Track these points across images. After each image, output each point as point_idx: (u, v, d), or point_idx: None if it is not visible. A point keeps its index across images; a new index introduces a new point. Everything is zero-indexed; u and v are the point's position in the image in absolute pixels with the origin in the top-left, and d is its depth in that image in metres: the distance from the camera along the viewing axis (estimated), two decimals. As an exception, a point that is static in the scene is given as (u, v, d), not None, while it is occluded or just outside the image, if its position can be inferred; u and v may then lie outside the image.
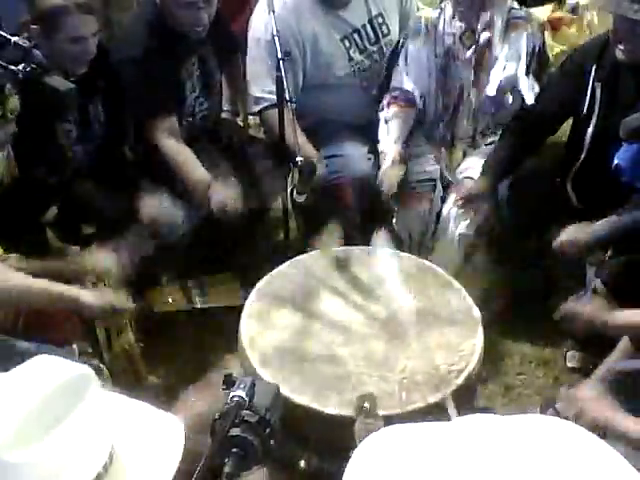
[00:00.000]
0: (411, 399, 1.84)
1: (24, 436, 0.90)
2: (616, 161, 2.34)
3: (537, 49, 2.70)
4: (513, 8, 2.73)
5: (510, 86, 2.70)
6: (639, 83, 2.39)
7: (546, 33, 2.83)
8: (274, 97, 2.46)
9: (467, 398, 2.00)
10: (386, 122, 2.83)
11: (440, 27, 2.72)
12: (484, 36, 2.68)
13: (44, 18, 2.26)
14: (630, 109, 2.30)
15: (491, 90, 2.71)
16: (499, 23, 2.68)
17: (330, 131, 2.89)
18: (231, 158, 2.88)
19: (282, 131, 2.41)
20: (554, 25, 2.79)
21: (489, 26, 2.68)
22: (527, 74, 2.68)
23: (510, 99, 2.73)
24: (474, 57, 2.70)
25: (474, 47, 2.69)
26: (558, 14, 2.78)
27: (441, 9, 2.75)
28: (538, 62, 2.72)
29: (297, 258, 2.33)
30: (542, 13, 2.80)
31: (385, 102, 2.85)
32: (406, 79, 2.80)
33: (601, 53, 2.47)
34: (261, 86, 2.77)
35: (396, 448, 0.89)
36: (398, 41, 2.87)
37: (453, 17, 2.69)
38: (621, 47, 2.35)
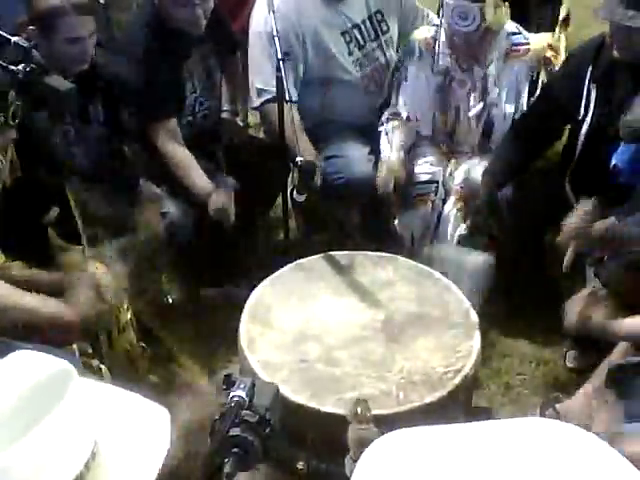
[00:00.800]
0: (408, 399, 1.85)
1: (2, 437, 0.86)
2: (614, 162, 2.34)
3: (533, 79, 2.70)
4: (513, 33, 2.69)
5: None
6: (634, 84, 2.38)
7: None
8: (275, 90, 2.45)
9: (464, 399, 2.01)
10: (387, 134, 2.84)
11: (438, 46, 2.70)
12: (479, 73, 2.68)
13: (41, 19, 2.26)
14: (625, 110, 2.30)
15: (495, 137, 2.73)
16: (496, 55, 2.67)
17: (331, 131, 2.89)
18: (231, 158, 2.88)
19: (282, 131, 2.41)
20: (547, 61, 2.78)
21: (486, 62, 2.66)
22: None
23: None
24: (470, 84, 2.70)
25: (470, 73, 2.69)
26: (550, 53, 2.76)
27: (438, 26, 2.72)
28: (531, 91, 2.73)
29: (297, 262, 2.34)
30: (540, 40, 2.78)
31: (384, 118, 2.86)
32: (403, 98, 2.82)
33: (597, 54, 2.46)
34: (263, 79, 2.76)
35: (402, 453, 0.88)
36: (400, 57, 2.87)
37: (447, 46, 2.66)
38: (617, 52, 2.35)
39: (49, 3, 2.24)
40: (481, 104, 2.71)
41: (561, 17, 3.28)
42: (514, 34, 2.69)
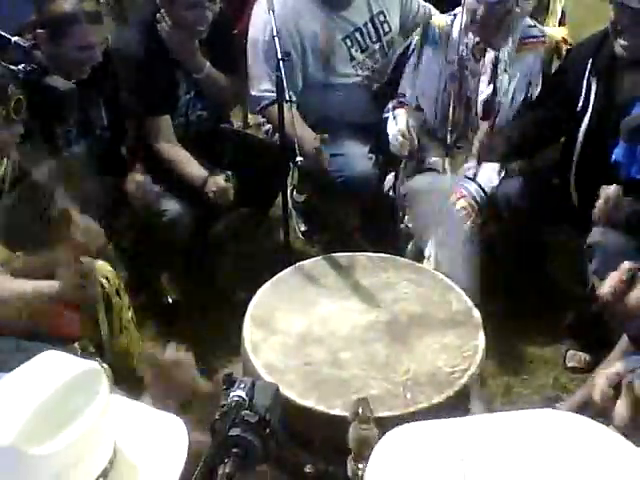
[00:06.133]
0: (416, 399, 1.85)
1: (41, 430, 0.91)
2: (614, 157, 2.33)
3: (545, 72, 2.71)
4: (529, 25, 2.69)
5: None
6: (635, 77, 2.37)
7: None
8: (273, 95, 2.46)
9: (470, 400, 2.01)
10: (394, 117, 2.79)
11: (454, 35, 2.69)
12: (490, 57, 2.67)
13: (52, 24, 2.26)
14: (626, 104, 2.29)
15: (501, 121, 2.72)
16: (510, 43, 2.66)
17: (331, 130, 2.88)
18: (231, 158, 2.88)
19: (282, 131, 2.42)
20: (560, 54, 2.77)
21: (500, 46, 2.66)
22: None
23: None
24: (482, 73, 2.70)
25: (482, 62, 2.69)
26: (565, 47, 2.75)
27: (454, 16, 2.72)
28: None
29: (298, 264, 2.33)
30: (556, 34, 2.77)
31: (391, 106, 2.85)
32: (414, 86, 2.80)
33: (598, 48, 2.44)
34: (261, 85, 2.78)
35: (414, 447, 0.89)
36: (407, 46, 2.86)
37: (467, 28, 2.65)
38: (622, 42, 2.32)
39: (62, 10, 2.24)
40: (491, 87, 2.69)
41: (558, 16, 3.26)
42: (530, 26, 2.70)
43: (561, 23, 3.17)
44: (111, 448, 1.00)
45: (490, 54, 2.67)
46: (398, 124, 2.70)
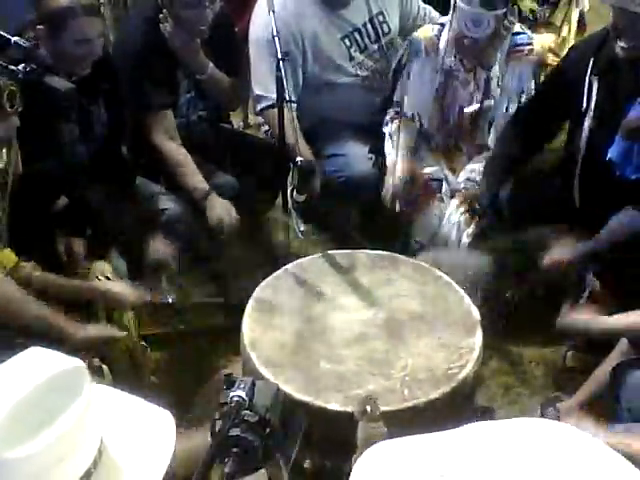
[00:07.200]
0: (413, 395, 1.86)
1: (18, 431, 0.89)
2: (609, 155, 2.34)
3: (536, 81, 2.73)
4: (517, 33, 2.69)
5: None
6: (636, 77, 2.37)
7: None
8: (273, 96, 2.47)
9: (467, 397, 2.01)
10: (391, 137, 2.83)
11: (442, 45, 2.70)
12: (482, 75, 2.68)
13: (50, 19, 2.26)
14: (627, 103, 2.29)
15: (496, 129, 2.74)
16: (500, 56, 2.67)
17: (331, 130, 2.90)
18: (231, 158, 2.88)
19: (282, 131, 2.42)
20: (548, 66, 2.78)
21: (490, 65, 2.67)
22: None
23: None
24: (474, 84, 2.71)
25: (473, 74, 2.69)
26: (552, 58, 2.77)
27: (441, 25, 2.72)
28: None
29: (297, 261, 2.34)
30: (543, 42, 2.78)
31: (388, 117, 2.86)
32: (406, 97, 2.81)
33: (599, 47, 2.44)
34: (262, 85, 2.78)
35: (394, 463, 0.89)
36: (402, 56, 2.86)
37: (454, 47, 2.66)
38: (621, 44, 2.33)
39: (59, 3, 2.24)
40: (477, 105, 2.71)
41: (575, 18, 3.26)
42: (518, 34, 2.69)
43: (580, 27, 3.19)
44: (96, 447, 0.97)
45: (482, 73, 2.68)
46: (394, 174, 2.71)
